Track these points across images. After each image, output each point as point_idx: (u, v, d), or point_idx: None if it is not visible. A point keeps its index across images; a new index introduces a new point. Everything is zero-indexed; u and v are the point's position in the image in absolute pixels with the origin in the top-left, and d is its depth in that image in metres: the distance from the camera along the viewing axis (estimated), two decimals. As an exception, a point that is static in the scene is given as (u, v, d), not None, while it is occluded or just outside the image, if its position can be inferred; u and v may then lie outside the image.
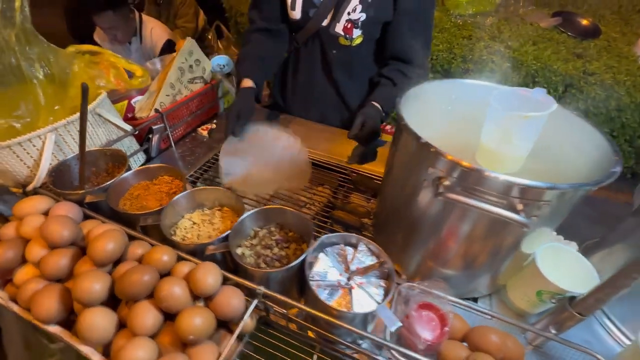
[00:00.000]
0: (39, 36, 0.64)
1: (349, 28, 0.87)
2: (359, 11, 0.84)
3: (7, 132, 0.63)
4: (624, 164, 1.67)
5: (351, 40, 0.89)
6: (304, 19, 0.90)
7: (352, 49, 0.91)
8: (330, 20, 0.88)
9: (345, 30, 0.88)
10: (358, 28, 0.87)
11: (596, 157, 0.52)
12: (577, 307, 0.48)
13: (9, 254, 0.50)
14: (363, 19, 0.85)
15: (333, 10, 0.87)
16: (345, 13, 0.85)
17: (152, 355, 0.41)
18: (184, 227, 0.62)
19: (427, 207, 0.55)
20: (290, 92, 1.10)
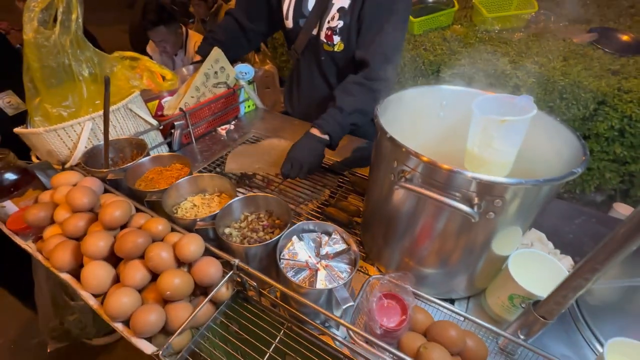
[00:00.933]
0: (87, 42, 0.78)
1: (330, 35, 0.93)
2: (337, 19, 0.91)
3: (56, 119, 0.77)
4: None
5: (333, 46, 0.95)
6: (295, 28, 0.99)
7: (336, 55, 0.97)
8: (318, 28, 0.95)
9: (327, 38, 0.94)
10: (337, 34, 0.93)
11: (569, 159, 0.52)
12: (539, 310, 0.48)
13: (41, 214, 0.61)
14: (340, 25, 0.91)
15: (319, 20, 0.94)
16: (326, 22, 0.92)
17: (135, 303, 0.48)
18: (185, 207, 0.71)
19: (399, 204, 0.57)
20: (296, 100, 1.18)
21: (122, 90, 0.87)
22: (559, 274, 0.56)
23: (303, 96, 1.15)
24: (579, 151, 0.51)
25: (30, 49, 0.72)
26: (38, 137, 0.75)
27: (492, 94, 0.65)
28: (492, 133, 0.58)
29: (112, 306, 0.47)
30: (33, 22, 0.71)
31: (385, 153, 0.56)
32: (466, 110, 0.66)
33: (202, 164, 0.99)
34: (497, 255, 0.57)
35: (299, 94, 1.16)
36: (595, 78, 1.41)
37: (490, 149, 0.59)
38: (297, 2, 0.96)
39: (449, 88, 0.70)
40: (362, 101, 0.85)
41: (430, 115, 0.73)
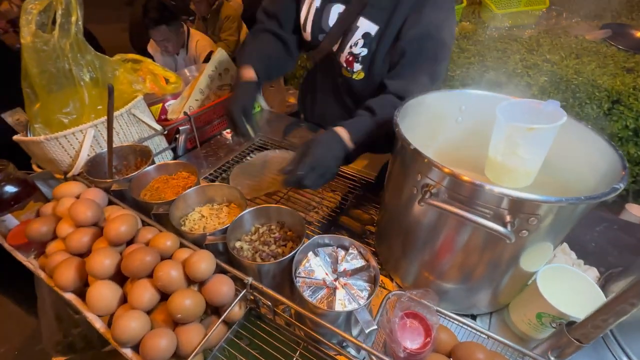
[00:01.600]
0: (88, 45, 0.74)
1: (350, 61, 0.83)
2: (360, 46, 0.79)
3: (57, 126, 0.74)
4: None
5: (352, 74, 0.84)
6: (314, 41, 0.87)
7: (354, 82, 0.87)
8: (338, 47, 0.84)
9: (347, 63, 0.84)
10: (358, 62, 0.82)
11: (605, 171, 0.49)
12: (574, 332, 0.45)
13: (43, 229, 0.59)
14: (364, 54, 0.80)
15: (341, 39, 0.83)
16: (348, 46, 0.81)
17: (144, 327, 0.46)
18: (193, 218, 0.68)
19: (421, 216, 0.54)
20: (310, 105, 1.12)
21: (124, 95, 0.83)
22: (592, 292, 0.53)
23: (317, 105, 1.08)
24: (616, 163, 0.47)
25: (28, 53, 0.69)
26: (38, 145, 0.72)
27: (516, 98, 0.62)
28: (517, 141, 0.55)
29: (121, 331, 0.44)
30: (31, 25, 0.67)
31: (408, 164, 0.53)
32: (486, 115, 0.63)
33: (208, 170, 0.96)
34: (525, 271, 0.54)
35: (313, 101, 1.09)
36: (609, 76, 1.37)
37: (514, 157, 0.56)
38: (315, 15, 0.83)
39: (470, 92, 0.66)
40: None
41: (448, 120, 0.70)
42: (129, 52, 0.95)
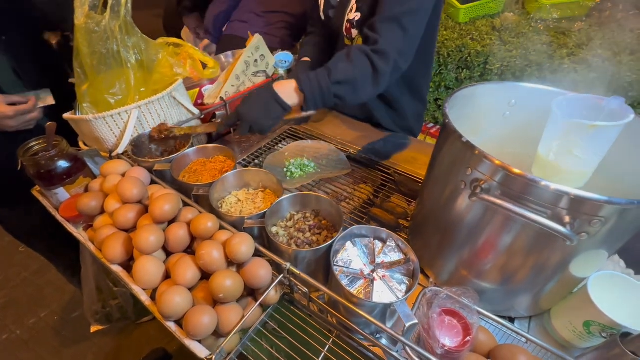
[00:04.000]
0: (136, 27, 0.76)
1: (349, 28, 0.86)
2: (355, 10, 0.82)
3: (104, 106, 0.77)
4: None
5: (352, 41, 0.87)
6: (327, 20, 0.93)
7: None
8: (343, 21, 0.88)
9: (346, 31, 0.87)
10: (355, 28, 0.84)
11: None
12: (630, 345, 0.42)
13: (92, 204, 0.61)
14: (358, 18, 0.82)
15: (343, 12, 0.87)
16: (346, 13, 0.85)
17: (187, 303, 0.47)
18: (230, 202, 0.69)
19: (465, 211, 0.53)
20: None
21: (166, 78, 0.85)
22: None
23: None
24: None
25: (81, 33, 0.71)
26: (86, 124, 0.75)
27: (574, 93, 0.58)
28: (575, 139, 0.51)
29: (166, 305, 0.46)
30: (84, 6, 0.69)
31: (456, 158, 0.51)
32: (536, 111, 0.60)
33: (241, 155, 0.97)
34: (574, 277, 0.51)
35: None
36: (668, 75, 1.26)
37: (569, 157, 0.53)
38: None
39: (522, 85, 0.63)
40: (359, 74, 0.69)
41: (495, 114, 0.67)
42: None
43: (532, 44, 1.49)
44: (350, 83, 0.69)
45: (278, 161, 0.92)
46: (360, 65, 0.69)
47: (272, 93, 0.69)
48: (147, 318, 1.30)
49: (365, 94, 0.73)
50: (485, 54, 1.52)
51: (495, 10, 1.71)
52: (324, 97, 0.70)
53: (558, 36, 1.49)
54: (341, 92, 0.70)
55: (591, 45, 1.41)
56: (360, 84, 0.70)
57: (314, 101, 0.69)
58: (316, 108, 0.72)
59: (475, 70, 1.58)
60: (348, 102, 0.73)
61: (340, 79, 0.68)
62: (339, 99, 0.71)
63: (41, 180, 0.69)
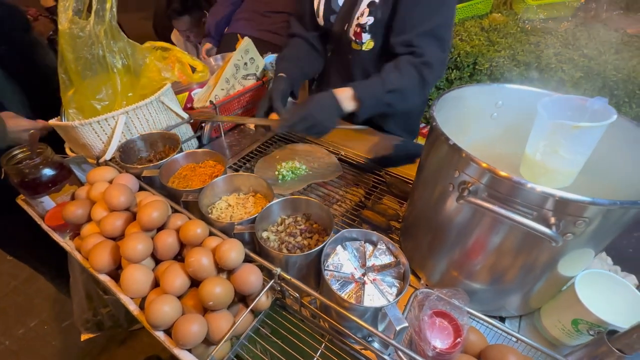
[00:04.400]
0: (121, 32, 0.75)
1: (359, 32, 0.85)
2: (367, 15, 0.82)
3: (90, 112, 0.75)
4: None
5: (361, 45, 0.87)
6: (326, 25, 0.92)
7: (364, 54, 0.89)
8: (347, 25, 0.88)
9: (355, 35, 0.86)
10: (366, 32, 0.84)
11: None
12: (616, 342, 0.43)
13: (79, 212, 0.60)
14: (370, 22, 0.82)
15: (350, 16, 0.86)
16: (355, 18, 0.84)
17: (176, 311, 0.47)
18: (220, 207, 0.68)
19: (454, 213, 0.53)
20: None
21: (154, 82, 0.84)
22: (633, 300, 0.50)
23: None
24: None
25: (65, 39, 0.70)
26: (72, 130, 0.74)
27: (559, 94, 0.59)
28: (560, 139, 0.52)
29: (154, 315, 0.45)
30: (68, 11, 0.68)
31: (444, 160, 0.51)
32: (523, 112, 0.61)
33: (232, 160, 0.96)
34: (562, 276, 0.52)
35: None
36: (652, 73, 1.29)
37: (555, 157, 0.54)
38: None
39: (509, 87, 0.63)
40: (408, 83, 0.76)
41: (483, 115, 0.68)
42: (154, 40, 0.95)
43: (520, 44, 1.51)
44: (401, 92, 0.77)
45: (269, 165, 0.91)
46: (408, 76, 0.76)
47: (334, 97, 0.74)
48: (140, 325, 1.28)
49: (412, 101, 0.82)
50: (474, 54, 1.54)
51: (483, 11, 1.73)
52: (377, 104, 0.77)
53: (545, 36, 1.52)
54: (392, 100, 0.77)
55: (577, 45, 1.44)
56: (409, 93, 0.78)
57: (369, 108, 0.76)
58: (368, 115, 0.77)
59: (464, 71, 1.60)
60: (397, 109, 0.80)
61: (392, 88, 0.75)
62: (389, 107, 0.78)
63: (25, 189, 0.68)
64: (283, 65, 0.95)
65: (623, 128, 0.53)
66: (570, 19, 1.58)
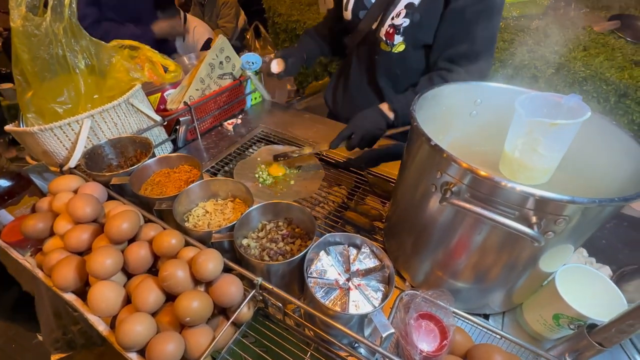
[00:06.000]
0: (83, 30, 0.70)
1: (391, 33, 0.83)
2: (403, 16, 0.79)
3: (51, 116, 0.70)
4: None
5: (392, 47, 0.84)
6: (354, 20, 0.88)
7: (393, 56, 0.86)
8: (378, 23, 0.85)
9: (387, 36, 0.84)
10: (399, 34, 0.82)
11: (632, 171, 0.47)
12: (596, 336, 0.44)
13: (40, 226, 0.56)
14: (406, 24, 0.80)
15: (382, 14, 0.84)
16: (390, 17, 0.81)
17: (150, 330, 0.44)
18: (197, 214, 0.65)
19: (437, 213, 0.52)
20: (341, 96, 1.09)
21: (121, 84, 0.79)
22: (610, 293, 0.52)
23: (348, 97, 1.05)
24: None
25: (19, 38, 0.64)
26: (32, 136, 0.68)
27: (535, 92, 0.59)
28: (538, 137, 0.52)
29: (125, 335, 0.42)
30: (21, 7, 0.63)
31: (426, 160, 0.50)
32: (501, 109, 0.61)
33: (210, 163, 0.93)
34: (543, 272, 0.52)
35: (345, 93, 1.06)
36: (617, 69, 1.34)
37: (533, 154, 0.54)
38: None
39: (487, 85, 0.64)
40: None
41: (462, 113, 0.68)
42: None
43: (494, 41, 1.54)
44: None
45: (250, 167, 0.89)
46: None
47: (378, 109, 0.83)
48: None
49: None
50: (451, 51, 1.56)
51: (459, 9, 1.76)
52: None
53: (518, 34, 1.56)
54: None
55: (548, 42, 1.48)
56: None
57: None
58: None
59: (442, 68, 1.61)
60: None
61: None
62: None
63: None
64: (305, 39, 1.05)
65: (597, 124, 0.54)
66: (542, 17, 1.63)
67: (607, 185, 0.50)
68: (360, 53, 0.96)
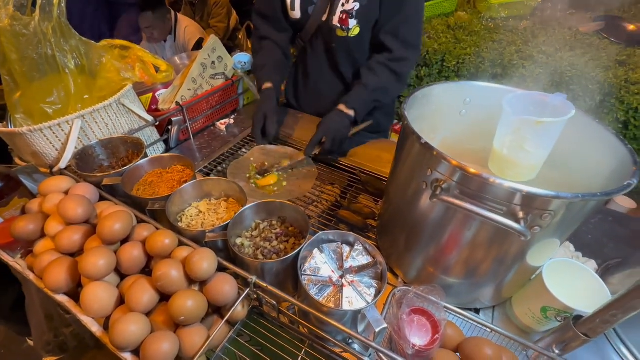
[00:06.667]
0: (73, 30, 0.69)
1: (344, 19, 0.86)
2: (352, 1, 0.83)
3: (40, 116, 0.69)
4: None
5: (348, 31, 0.88)
6: (304, 17, 0.91)
7: (350, 40, 0.90)
8: (328, 14, 0.88)
9: (341, 22, 0.87)
10: (353, 18, 0.85)
11: (615, 167, 0.49)
12: (582, 327, 0.45)
13: (30, 227, 0.55)
14: (357, 8, 0.84)
15: (329, 4, 0.87)
16: (340, 4, 0.85)
17: (144, 330, 0.44)
18: (190, 214, 0.65)
19: (428, 210, 0.53)
20: (302, 92, 1.11)
21: (112, 84, 0.79)
22: (595, 286, 0.53)
23: (311, 89, 1.07)
24: (626, 158, 0.47)
25: (6, 37, 0.63)
26: (21, 137, 0.67)
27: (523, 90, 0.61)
28: (525, 135, 0.54)
29: (119, 336, 0.42)
30: (8, 6, 0.62)
31: (416, 158, 0.51)
32: (490, 108, 0.62)
33: (202, 163, 0.92)
34: (531, 266, 0.54)
35: (306, 86, 1.08)
36: (602, 69, 1.38)
37: (521, 151, 0.56)
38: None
39: (475, 84, 0.65)
40: (385, 81, 0.88)
41: (452, 112, 0.69)
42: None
43: (484, 41, 1.57)
44: (381, 90, 0.90)
45: (243, 168, 0.88)
46: (382, 73, 0.88)
47: (338, 111, 0.88)
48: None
49: (394, 93, 1.03)
50: (442, 51, 1.58)
51: (449, 10, 1.78)
52: (367, 105, 0.91)
53: (507, 34, 1.59)
54: (377, 97, 0.91)
55: (536, 42, 1.51)
56: (389, 87, 0.91)
57: (363, 110, 0.90)
58: (364, 115, 0.91)
59: (433, 68, 1.64)
60: (384, 102, 0.97)
61: (374, 88, 0.89)
62: (377, 102, 0.93)
63: (-34, 204, 0.61)
64: (266, 73, 0.96)
65: (581, 122, 0.55)
66: (529, 17, 1.66)
67: (591, 180, 0.52)
68: (315, 45, 0.98)
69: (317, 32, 0.93)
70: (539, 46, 1.49)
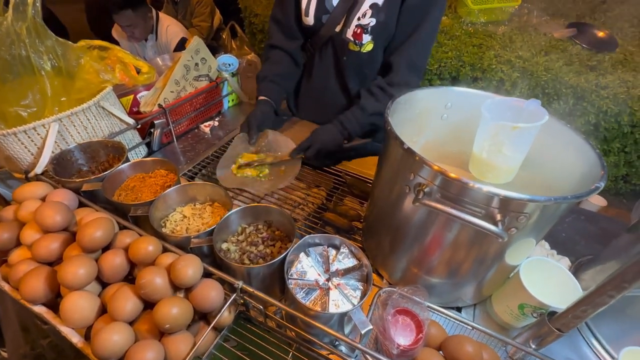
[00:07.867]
0: (48, 30, 0.67)
1: (359, 33, 0.85)
2: (369, 16, 0.83)
3: (14, 120, 0.66)
4: (635, 181, 1.62)
5: (360, 46, 0.87)
6: (316, 25, 0.90)
7: (362, 55, 0.89)
8: (342, 26, 0.87)
9: (354, 36, 0.86)
10: (367, 33, 0.85)
11: (585, 170, 0.51)
12: (555, 322, 0.47)
13: (5, 236, 0.53)
14: (373, 24, 0.83)
15: (345, 16, 0.86)
16: (355, 18, 0.84)
17: (128, 340, 0.43)
18: (174, 219, 0.64)
19: (411, 213, 0.55)
20: (304, 98, 1.09)
21: (91, 86, 0.77)
22: (568, 283, 0.56)
23: (313, 97, 1.06)
24: (594, 162, 0.50)
25: (-23, 37, 0.61)
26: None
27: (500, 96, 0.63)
28: (502, 139, 0.56)
29: (102, 346, 0.41)
30: (-22, 5, 0.59)
31: (399, 163, 0.53)
32: (470, 112, 0.65)
33: (187, 166, 0.91)
34: (509, 265, 0.56)
35: (309, 94, 1.07)
36: (575, 74, 1.45)
37: (499, 155, 0.58)
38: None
39: (456, 89, 0.67)
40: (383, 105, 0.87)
41: (434, 116, 0.71)
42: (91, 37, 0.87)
43: (464, 45, 1.61)
44: (379, 114, 0.88)
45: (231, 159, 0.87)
46: (383, 99, 0.87)
47: (335, 124, 0.88)
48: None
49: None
50: (425, 55, 1.61)
51: (431, 14, 1.82)
52: (362, 128, 0.90)
53: (486, 39, 1.64)
54: (374, 121, 0.90)
55: (513, 47, 1.57)
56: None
57: (356, 132, 0.89)
58: (359, 135, 0.91)
59: (416, 71, 1.67)
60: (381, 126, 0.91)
61: (372, 112, 0.88)
62: (374, 126, 0.92)
63: None
64: (266, 86, 0.97)
65: (554, 127, 0.58)
66: (507, 23, 1.72)
67: (564, 183, 0.55)
68: (324, 55, 0.97)
69: (329, 42, 0.92)
70: (516, 51, 1.55)
